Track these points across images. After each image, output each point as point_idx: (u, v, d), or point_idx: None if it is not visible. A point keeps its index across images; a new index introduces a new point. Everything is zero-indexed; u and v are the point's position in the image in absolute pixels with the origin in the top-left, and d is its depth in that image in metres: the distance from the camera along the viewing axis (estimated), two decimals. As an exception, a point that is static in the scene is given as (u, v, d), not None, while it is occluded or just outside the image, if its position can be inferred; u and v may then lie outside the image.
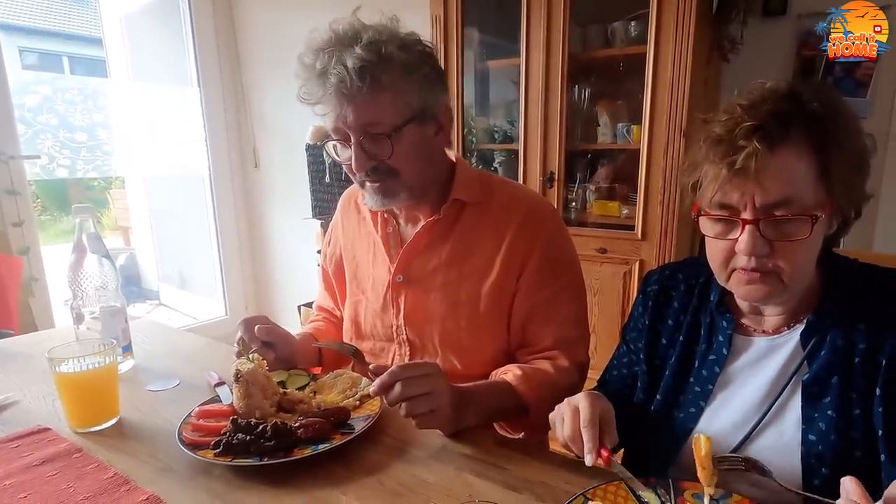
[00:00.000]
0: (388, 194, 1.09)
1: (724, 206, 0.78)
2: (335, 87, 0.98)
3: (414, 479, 0.86)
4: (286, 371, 1.15)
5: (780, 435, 0.81)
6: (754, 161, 0.72)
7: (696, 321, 0.93)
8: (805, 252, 0.77)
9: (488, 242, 1.14)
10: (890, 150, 2.16)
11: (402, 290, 1.18)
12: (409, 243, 1.17)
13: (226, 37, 3.31)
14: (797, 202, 0.74)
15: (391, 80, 1.01)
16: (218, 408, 1.02)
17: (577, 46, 2.25)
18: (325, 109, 1.03)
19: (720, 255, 0.81)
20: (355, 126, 1.02)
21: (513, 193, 1.19)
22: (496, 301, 1.13)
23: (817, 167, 0.74)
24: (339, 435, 0.93)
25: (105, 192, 4.32)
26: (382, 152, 1.04)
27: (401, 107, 1.03)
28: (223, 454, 0.87)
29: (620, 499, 0.78)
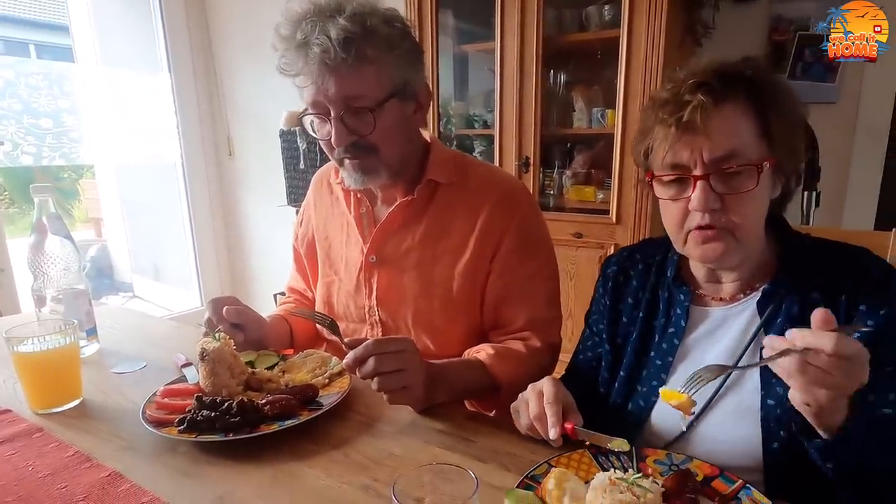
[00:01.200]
0: (367, 171, 1.08)
1: (675, 165, 0.81)
2: (318, 57, 0.96)
3: (381, 452, 0.85)
4: (255, 351, 1.14)
5: (740, 401, 0.83)
6: (700, 113, 0.76)
7: (655, 297, 0.96)
8: (753, 206, 0.80)
9: (462, 223, 1.13)
10: (857, 134, 2.21)
11: (375, 271, 1.18)
12: (382, 223, 1.16)
13: (197, 20, 3.24)
14: (743, 154, 0.78)
15: (375, 53, 0.99)
16: (184, 387, 1.00)
17: (552, 30, 2.25)
18: (304, 82, 1.01)
19: (675, 216, 0.83)
20: (337, 99, 1.00)
21: (487, 175, 1.18)
22: (469, 281, 1.13)
23: (758, 125, 0.79)
24: (307, 411, 0.93)
25: (75, 183, 4.22)
26: (364, 127, 1.02)
27: (384, 81, 1.02)
28: (187, 431, 0.86)
29: (584, 465, 0.78)
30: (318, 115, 1.04)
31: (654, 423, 0.90)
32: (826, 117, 2.18)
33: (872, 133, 2.18)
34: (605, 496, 0.63)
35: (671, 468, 0.78)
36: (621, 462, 0.80)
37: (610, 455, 0.81)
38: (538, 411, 0.81)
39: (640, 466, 0.78)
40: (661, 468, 0.78)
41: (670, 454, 0.80)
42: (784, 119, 0.80)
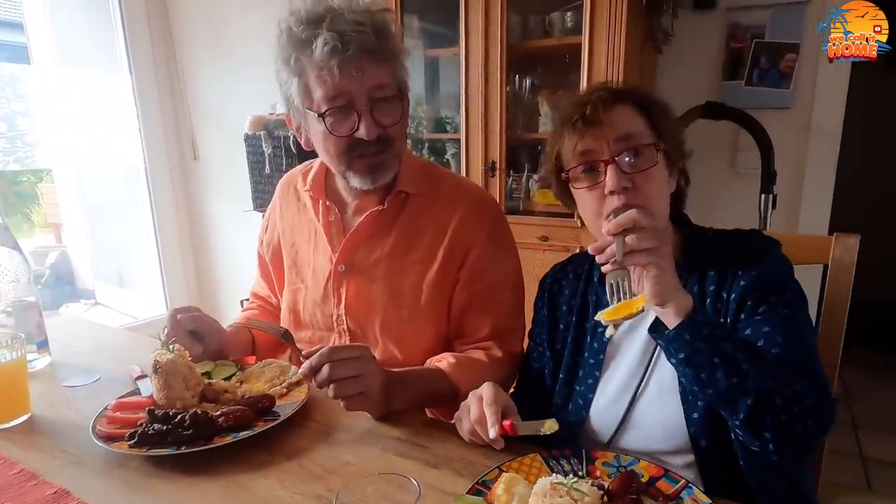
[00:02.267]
0: (380, 168, 1.09)
1: (585, 153, 0.91)
2: (357, 44, 0.98)
3: (336, 462, 0.86)
4: (213, 361, 1.13)
5: (661, 383, 0.91)
6: (600, 107, 0.89)
7: (585, 301, 1.04)
8: (658, 182, 0.91)
9: (432, 234, 1.14)
10: (812, 139, 2.28)
11: (344, 280, 1.17)
12: (351, 233, 1.16)
13: (158, 18, 3.16)
14: (640, 136, 0.90)
15: (395, 48, 1.06)
16: (136, 400, 0.99)
17: (516, 36, 2.27)
18: (329, 74, 1.00)
19: (593, 205, 0.91)
20: (366, 90, 1.02)
21: (457, 186, 1.20)
22: (438, 292, 1.14)
23: (646, 119, 0.92)
24: (263, 422, 0.92)
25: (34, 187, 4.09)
26: (389, 118, 1.05)
27: (400, 76, 1.08)
28: (138, 445, 0.85)
29: (535, 469, 0.80)
30: (338, 109, 1.03)
31: (593, 419, 0.95)
32: (781, 122, 2.25)
33: (825, 137, 2.25)
34: (545, 501, 0.65)
35: (619, 469, 0.80)
36: (571, 465, 0.81)
37: (561, 459, 0.82)
38: (478, 414, 0.84)
39: (589, 469, 0.80)
40: (609, 470, 0.80)
41: (618, 456, 0.82)
42: (665, 118, 0.94)
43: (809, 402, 0.76)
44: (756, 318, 0.85)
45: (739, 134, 2.26)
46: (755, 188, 2.12)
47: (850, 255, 1.11)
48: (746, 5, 2.29)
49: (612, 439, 0.93)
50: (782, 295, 0.86)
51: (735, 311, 0.87)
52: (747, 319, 0.86)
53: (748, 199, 2.21)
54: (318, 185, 1.21)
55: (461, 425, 0.89)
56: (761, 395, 0.74)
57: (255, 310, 1.39)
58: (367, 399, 0.93)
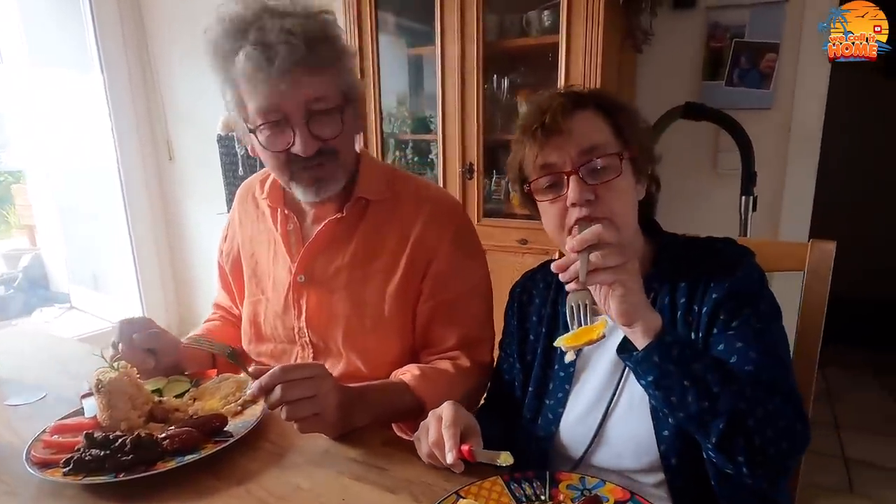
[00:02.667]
0: (325, 181, 1.03)
1: (546, 166, 0.87)
2: (284, 57, 0.91)
3: (286, 487, 0.81)
4: (165, 377, 1.08)
5: (632, 397, 0.87)
6: (560, 115, 0.85)
7: (555, 312, 1.00)
8: (624, 195, 0.87)
9: (393, 242, 1.10)
10: (792, 141, 2.26)
11: (304, 291, 1.13)
12: (310, 242, 1.11)
13: (131, 16, 3.08)
14: (604, 146, 0.86)
15: (333, 54, 0.98)
16: (78, 422, 0.93)
17: (494, 35, 2.23)
18: (258, 87, 0.93)
19: (556, 217, 0.88)
20: (301, 104, 0.95)
21: (418, 192, 1.14)
22: (401, 301, 1.09)
23: (611, 126, 0.88)
24: (213, 444, 0.87)
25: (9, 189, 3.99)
26: (329, 131, 0.99)
27: (341, 85, 1.00)
28: (73, 472, 0.80)
29: (495, 494, 0.76)
30: (271, 124, 0.97)
31: (563, 434, 0.92)
32: (761, 123, 2.23)
33: (806, 138, 2.23)
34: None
35: (583, 493, 0.76)
36: (534, 489, 0.78)
37: (523, 482, 0.79)
38: (436, 437, 0.80)
39: (553, 493, 0.77)
40: (574, 493, 0.77)
41: (584, 478, 0.79)
42: (631, 123, 0.90)
43: (783, 423, 0.73)
44: (729, 332, 0.82)
45: (720, 135, 2.24)
46: (736, 189, 2.10)
47: (827, 262, 1.07)
48: (726, 4, 2.27)
49: (583, 456, 0.89)
50: (756, 307, 0.83)
51: (707, 325, 0.84)
52: (720, 334, 0.83)
53: (729, 200, 2.18)
54: (275, 193, 1.16)
55: (420, 446, 0.85)
56: (734, 418, 0.71)
57: (216, 321, 1.34)
58: (322, 420, 0.89)
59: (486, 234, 2.37)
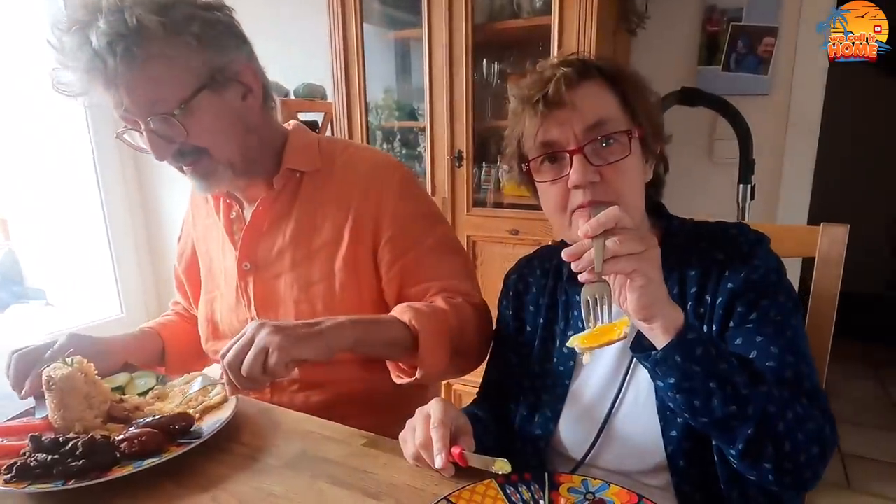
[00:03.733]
0: (208, 176, 0.96)
1: (548, 143, 0.80)
2: (95, 70, 0.83)
3: (256, 493, 0.73)
4: (129, 374, 0.99)
5: (637, 394, 0.81)
6: (564, 86, 0.77)
7: (554, 302, 0.93)
8: (631, 176, 0.80)
9: (334, 213, 1.02)
10: (790, 128, 2.21)
11: (250, 279, 1.06)
12: (247, 225, 1.05)
13: None
14: (613, 123, 0.79)
15: (155, 48, 0.84)
16: (27, 423, 0.85)
17: (483, 17, 2.15)
18: (93, 99, 0.88)
19: (556, 199, 0.81)
20: (135, 110, 0.87)
21: (353, 156, 1.07)
22: (352, 275, 1.02)
23: (618, 98, 0.81)
24: (177, 446, 0.79)
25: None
26: (177, 133, 0.89)
27: (180, 76, 0.87)
28: (17, 480, 0.71)
29: (489, 499, 0.69)
30: (132, 128, 0.91)
31: (562, 433, 0.85)
32: (759, 109, 2.17)
33: (804, 125, 2.18)
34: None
35: (586, 497, 0.69)
36: (531, 493, 0.70)
37: (520, 485, 0.71)
38: (424, 438, 0.73)
39: (553, 497, 0.69)
40: (576, 497, 0.69)
41: (586, 480, 0.72)
42: (640, 96, 0.82)
43: (813, 427, 0.67)
44: (747, 326, 0.76)
45: (717, 121, 2.18)
46: (733, 177, 2.04)
47: (839, 247, 1.02)
48: (723, -12, 2.21)
49: (584, 457, 0.83)
50: (775, 298, 0.77)
51: (723, 318, 0.78)
52: (738, 327, 0.76)
53: (726, 188, 2.13)
54: None
55: (405, 447, 0.77)
56: (763, 423, 0.65)
57: (171, 316, 1.29)
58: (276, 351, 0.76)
59: (475, 225, 2.30)
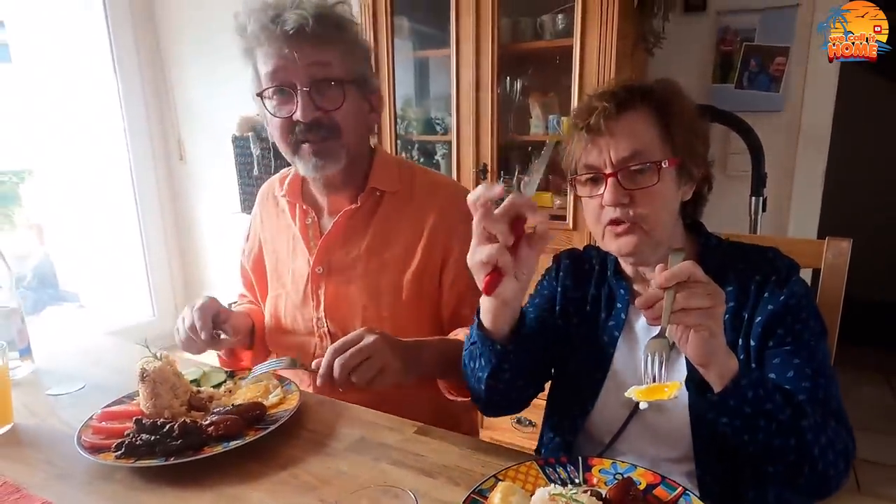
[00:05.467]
0: (326, 155, 1.06)
1: (589, 166, 0.90)
2: (294, 24, 0.98)
3: (329, 471, 0.84)
4: (201, 369, 1.11)
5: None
6: (604, 119, 0.86)
7: (599, 292, 1.03)
8: (658, 200, 0.88)
9: (408, 232, 1.14)
10: (801, 143, 2.30)
11: (322, 282, 1.17)
12: (327, 233, 1.16)
13: (144, 19, 3.11)
14: (644, 154, 0.87)
15: (344, 37, 1.04)
16: (123, 409, 0.96)
17: (508, 38, 2.26)
18: (269, 53, 1.01)
19: (593, 212, 0.92)
20: (305, 69, 1.00)
21: (432, 183, 1.19)
22: (418, 289, 1.13)
23: (658, 127, 0.88)
24: (254, 431, 0.90)
25: (16, 188, 4.02)
26: (330, 102, 1.03)
27: (349, 64, 1.05)
28: (125, 456, 0.83)
29: (531, 477, 0.79)
30: (280, 87, 1.03)
31: (595, 416, 0.95)
32: (771, 125, 2.26)
33: (814, 142, 2.27)
34: (545, 511, 0.64)
35: (615, 477, 0.79)
36: (567, 473, 0.80)
37: (557, 466, 0.81)
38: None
39: (586, 476, 0.80)
40: (606, 477, 0.79)
41: (615, 463, 0.82)
42: (683, 125, 0.89)
43: (841, 447, 0.77)
44: (785, 348, 0.84)
45: (730, 137, 2.27)
46: (745, 190, 2.13)
47: (843, 259, 1.10)
48: (736, 8, 2.31)
49: (613, 440, 0.92)
50: (807, 323, 0.85)
51: (761, 336, 0.86)
52: (777, 348, 0.85)
53: (738, 201, 2.22)
54: (294, 190, 1.20)
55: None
56: (802, 450, 0.74)
57: (248, 304, 1.38)
58: (389, 372, 0.93)
59: (499, 234, 2.40)
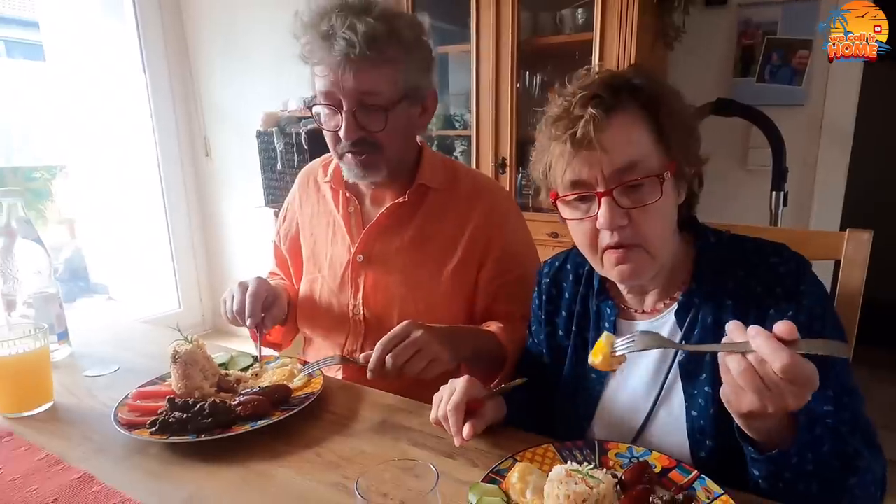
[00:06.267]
0: (368, 167, 1.10)
1: (576, 183, 0.78)
2: (342, 50, 0.99)
3: (352, 451, 0.87)
4: (229, 353, 1.15)
5: (669, 414, 0.85)
6: (593, 127, 0.74)
7: (585, 309, 0.95)
8: (661, 217, 0.79)
9: (451, 229, 1.17)
10: (824, 137, 2.27)
11: (363, 270, 1.20)
12: (372, 224, 1.19)
13: (172, 20, 3.20)
14: (642, 165, 0.76)
15: (396, 54, 1.03)
16: (156, 389, 1.01)
17: (527, 32, 2.28)
18: (323, 71, 1.04)
19: (585, 237, 0.81)
20: (352, 93, 1.03)
21: (476, 183, 1.22)
22: (455, 285, 1.16)
23: (652, 130, 0.78)
24: (280, 412, 0.94)
25: (48, 183, 4.14)
26: (374, 125, 1.06)
27: (399, 83, 1.06)
28: (159, 433, 0.87)
29: (548, 459, 0.81)
30: (329, 105, 1.06)
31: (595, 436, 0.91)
32: (793, 119, 2.24)
33: (837, 134, 2.24)
34: (560, 487, 0.66)
35: (631, 460, 0.81)
36: (584, 455, 0.82)
37: (574, 449, 0.83)
38: (442, 415, 0.84)
39: (602, 459, 0.81)
40: (622, 461, 0.81)
41: (630, 447, 0.83)
42: (676, 121, 0.79)
43: (871, 477, 0.72)
44: None
45: (751, 130, 2.25)
46: (766, 185, 2.12)
47: (863, 252, 1.09)
48: (758, 1, 2.29)
49: None
50: (821, 335, 0.75)
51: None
52: None
53: (759, 195, 2.20)
54: (338, 177, 1.23)
55: (432, 412, 0.88)
56: (846, 494, 0.70)
57: (282, 281, 1.40)
58: (439, 362, 0.96)
59: (517, 228, 2.42)
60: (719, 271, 0.83)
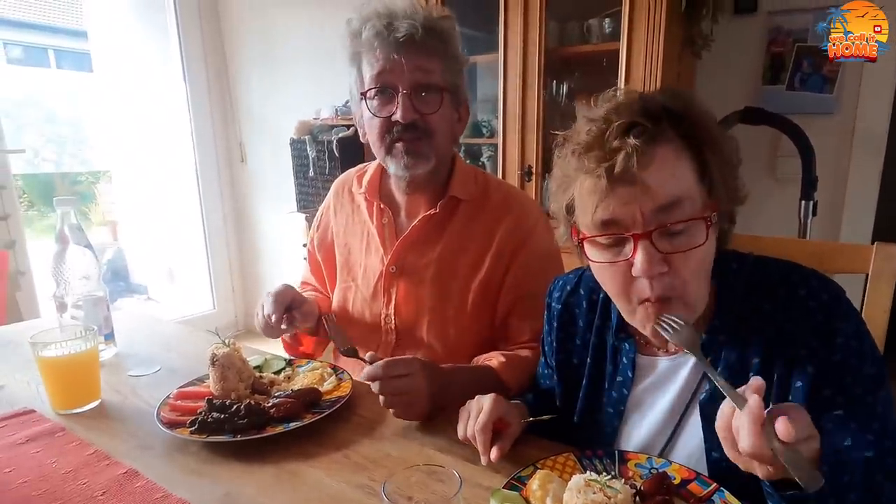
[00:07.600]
0: (418, 156, 1.13)
1: (608, 222, 0.70)
2: (405, 32, 1.06)
3: (379, 454, 0.91)
4: (263, 356, 1.20)
5: (688, 455, 0.83)
6: (635, 161, 0.65)
7: (602, 341, 0.89)
8: (703, 264, 0.72)
9: (480, 240, 1.19)
10: (855, 146, 2.23)
11: (395, 281, 1.23)
12: (405, 236, 1.22)
13: (211, 30, 3.33)
14: (689, 203, 0.68)
15: (447, 49, 1.12)
16: (196, 390, 1.07)
17: (554, 42, 2.30)
18: (377, 56, 1.09)
19: (617, 284, 0.73)
20: (411, 74, 1.08)
21: (505, 194, 1.25)
22: (484, 296, 1.19)
23: (696, 166, 0.70)
24: (311, 414, 0.98)
25: (92, 187, 4.32)
26: (428, 107, 1.11)
27: (448, 74, 1.13)
28: (198, 432, 0.92)
29: (568, 467, 0.83)
30: (383, 88, 1.11)
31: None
32: (824, 128, 2.20)
33: (870, 144, 2.20)
34: (579, 496, 0.68)
35: (651, 471, 0.82)
36: (604, 465, 0.84)
37: (594, 458, 0.85)
38: (470, 434, 0.85)
39: (622, 469, 0.83)
40: (642, 471, 0.82)
41: (650, 458, 0.85)
42: (720, 155, 0.72)
43: None
44: (836, 412, 0.69)
45: (780, 139, 2.23)
46: (795, 194, 2.09)
47: (892, 265, 1.08)
48: (788, 9, 2.26)
49: None
50: (859, 372, 0.70)
51: (804, 399, 0.71)
52: (826, 411, 0.70)
53: (788, 205, 2.17)
54: (372, 188, 1.27)
55: (459, 428, 0.88)
56: None
57: (313, 293, 1.44)
58: (413, 411, 0.98)
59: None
60: (743, 303, 0.76)
